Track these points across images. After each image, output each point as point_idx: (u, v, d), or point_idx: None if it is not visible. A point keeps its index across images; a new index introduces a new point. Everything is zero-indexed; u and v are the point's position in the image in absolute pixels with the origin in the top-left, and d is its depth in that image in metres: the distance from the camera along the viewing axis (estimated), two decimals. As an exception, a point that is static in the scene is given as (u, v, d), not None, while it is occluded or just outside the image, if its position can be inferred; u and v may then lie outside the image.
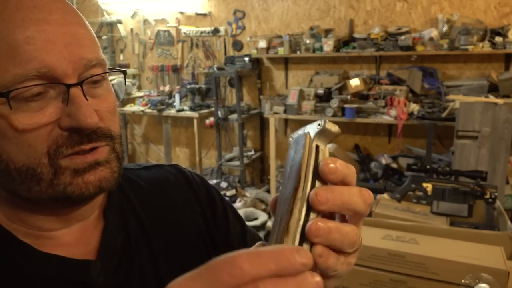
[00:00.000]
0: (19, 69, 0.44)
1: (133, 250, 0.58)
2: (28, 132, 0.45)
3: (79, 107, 0.46)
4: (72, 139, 0.47)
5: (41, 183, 0.47)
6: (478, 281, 1.15)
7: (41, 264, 0.51)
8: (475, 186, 1.70)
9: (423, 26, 3.95)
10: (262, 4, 4.61)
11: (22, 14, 0.45)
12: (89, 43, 0.49)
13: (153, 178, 0.68)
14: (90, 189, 0.49)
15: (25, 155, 0.46)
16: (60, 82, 0.46)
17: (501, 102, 2.89)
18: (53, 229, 0.53)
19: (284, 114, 4.20)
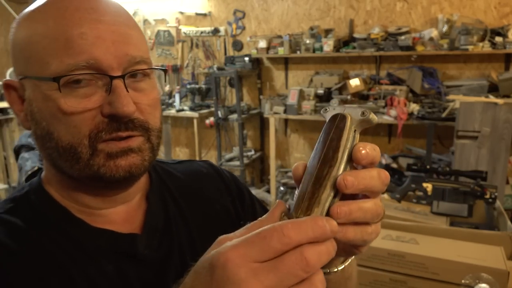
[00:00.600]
0: (72, 59, 0.51)
1: (173, 229, 0.64)
2: (75, 115, 0.52)
3: (118, 96, 0.52)
4: (111, 125, 0.53)
5: (79, 162, 0.53)
6: (478, 281, 1.15)
7: (94, 237, 0.57)
8: (475, 186, 1.70)
9: (423, 26, 3.95)
10: (262, 4, 4.61)
11: (80, 14, 0.52)
12: (135, 43, 0.55)
13: (188, 170, 0.75)
14: (120, 173, 0.54)
15: (71, 135, 0.53)
16: (105, 73, 0.52)
17: (501, 102, 2.89)
18: (100, 208, 0.59)
19: (284, 114, 4.20)
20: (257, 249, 0.34)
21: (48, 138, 0.54)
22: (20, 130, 3.97)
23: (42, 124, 0.54)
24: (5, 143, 4.11)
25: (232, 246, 0.35)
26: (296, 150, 4.76)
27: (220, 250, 0.35)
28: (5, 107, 4.02)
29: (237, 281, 0.33)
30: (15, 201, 0.59)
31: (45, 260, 0.53)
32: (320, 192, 0.39)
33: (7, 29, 6.11)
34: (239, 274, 0.34)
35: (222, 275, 0.34)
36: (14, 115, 0.59)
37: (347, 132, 0.40)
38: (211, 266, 0.35)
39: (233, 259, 0.34)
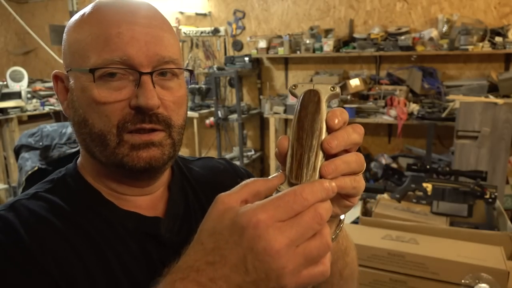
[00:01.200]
0: (108, 55, 0.57)
1: (192, 217, 0.70)
2: (107, 105, 0.58)
3: (144, 90, 0.58)
4: (136, 117, 0.59)
5: (107, 149, 0.60)
6: (478, 281, 1.15)
7: (122, 218, 0.63)
8: (475, 186, 1.70)
9: (423, 26, 3.95)
10: (262, 4, 4.61)
11: (120, 16, 0.59)
12: (166, 44, 0.61)
13: (206, 165, 0.82)
14: (141, 163, 0.60)
15: (102, 123, 0.59)
16: (136, 69, 0.58)
17: (501, 102, 2.89)
18: (127, 194, 0.66)
19: (284, 114, 4.20)
20: (281, 210, 0.40)
21: (83, 124, 0.61)
22: (20, 130, 3.97)
23: (79, 112, 0.61)
24: (5, 143, 4.11)
25: (261, 209, 0.40)
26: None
27: (248, 212, 0.40)
28: (5, 107, 4.02)
29: (268, 238, 0.39)
30: (53, 182, 0.65)
31: (79, 234, 0.59)
32: (314, 159, 0.46)
33: (7, 29, 6.13)
34: (269, 232, 0.39)
35: (254, 234, 0.40)
36: (60, 103, 0.66)
37: (323, 108, 0.48)
38: (241, 226, 0.40)
39: (264, 220, 0.40)
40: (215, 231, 0.42)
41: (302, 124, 0.48)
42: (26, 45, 6.14)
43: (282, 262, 0.39)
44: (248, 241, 0.40)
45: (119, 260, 0.59)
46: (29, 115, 4.27)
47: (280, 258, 0.39)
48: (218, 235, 0.42)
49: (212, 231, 0.43)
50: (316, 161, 0.46)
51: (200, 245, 0.43)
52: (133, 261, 0.60)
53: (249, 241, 0.40)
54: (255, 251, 0.40)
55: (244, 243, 0.40)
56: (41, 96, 4.54)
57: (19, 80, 4.38)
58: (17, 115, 4.13)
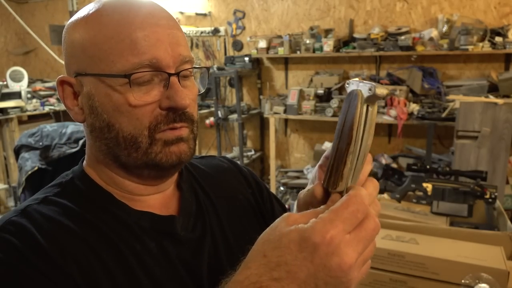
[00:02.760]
0: (137, 59, 0.57)
1: (204, 214, 0.71)
2: (138, 108, 0.59)
3: (176, 91, 0.59)
4: (168, 117, 0.60)
5: (138, 151, 0.60)
6: (478, 281, 1.15)
7: (137, 218, 0.63)
8: (475, 186, 1.70)
9: (423, 26, 3.95)
10: (262, 4, 4.61)
11: (141, 18, 0.59)
12: (184, 44, 0.62)
13: (210, 164, 0.83)
14: (173, 158, 0.61)
15: (133, 126, 0.59)
16: (164, 71, 0.59)
17: (501, 102, 2.89)
18: (141, 194, 0.66)
19: (284, 114, 4.20)
20: (349, 223, 0.42)
21: (107, 129, 0.60)
22: (20, 130, 3.97)
23: (103, 117, 0.60)
24: (5, 143, 4.11)
25: (331, 225, 0.41)
26: (296, 150, 4.76)
27: (320, 229, 0.41)
28: (5, 107, 4.02)
29: (341, 254, 0.40)
30: (61, 186, 0.65)
31: (96, 235, 0.59)
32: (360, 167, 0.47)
33: (7, 29, 6.12)
34: (341, 247, 0.40)
35: (327, 251, 0.40)
36: (67, 109, 0.65)
37: (358, 111, 0.46)
38: (313, 243, 0.41)
39: (336, 236, 0.41)
40: (281, 245, 0.42)
41: (340, 132, 0.48)
42: (26, 45, 6.14)
43: (352, 275, 0.41)
44: (320, 258, 0.40)
45: (138, 259, 0.59)
46: (29, 115, 4.27)
47: (352, 272, 0.41)
48: (284, 249, 0.42)
49: (277, 244, 0.43)
50: (345, 170, 0.46)
51: (262, 258, 0.43)
52: (152, 260, 0.60)
53: (322, 258, 0.40)
54: (328, 267, 0.40)
55: (316, 259, 0.41)
56: (41, 96, 4.55)
57: (19, 80, 4.38)
58: (17, 115, 4.13)
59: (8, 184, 4.17)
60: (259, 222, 0.78)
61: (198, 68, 0.66)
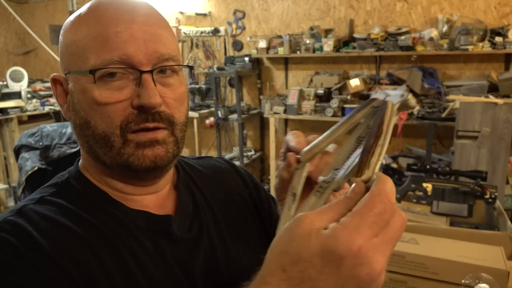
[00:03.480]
0: (107, 55, 0.57)
1: (201, 215, 0.70)
2: (108, 106, 0.58)
3: (146, 89, 0.57)
4: (139, 117, 0.58)
5: (112, 150, 0.59)
6: (478, 281, 1.15)
7: (133, 217, 0.62)
8: (475, 186, 1.70)
9: (423, 26, 3.95)
10: (262, 4, 4.61)
11: (117, 15, 0.58)
12: (165, 42, 0.60)
13: (208, 164, 0.82)
14: (147, 162, 0.59)
15: (105, 124, 0.58)
16: (136, 68, 0.58)
17: (501, 102, 2.89)
18: (133, 194, 0.65)
19: (284, 114, 4.20)
20: (376, 226, 0.38)
21: (85, 126, 0.60)
22: (20, 130, 3.97)
23: (81, 114, 0.60)
24: (5, 143, 4.11)
25: (357, 233, 0.37)
26: (296, 150, 4.75)
27: (345, 239, 0.37)
28: (5, 107, 4.02)
29: (370, 263, 0.37)
30: (57, 186, 0.64)
31: (93, 234, 0.58)
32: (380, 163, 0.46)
33: (7, 29, 6.13)
34: (369, 256, 0.37)
35: (355, 262, 0.37)
36: (60, 107, 0.66)
37: (390, 111, 0.46)
38: (339, 256, 0.37)
39: (363, 245, 0.37)
40: (302, 258, 0.38)
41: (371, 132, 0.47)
42: (26, 45, 6.14)
43: (381, 279, 0.38)
44: (348, 270, 0.37)
45: (135, 258, 0.59)
46: (29, 115, 4.27)
47: (381, 277, 0.38)
48: (306, 264, 0.38)
49: (297, 258, 0.39)
50: (372, 159, 0.44)
51: (282, 273, 0.39)
52: (148, 258, 0.60)
53: (350, 270, 0.37)
54: (356, 278, 0.37)
55: (343, 272, 0.37)
56: (41, 96, 4.54)
57: (19, 80, 4.38)
58: (17, 115, 4.13)
59: (8, 184, 4.17)
60: (256, 223, 0.78)
61: (177, 66, 0.63)
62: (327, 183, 0.48)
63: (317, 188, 0.48)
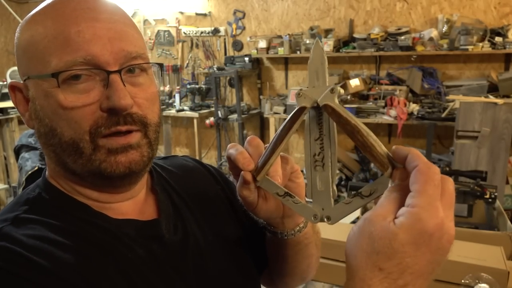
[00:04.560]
0: (69, 56, 0.53)
1: (182, 215, 0.68)
2: (75, 110, 0.54)
3: (115, 90, 0.54)
4: (110, 120, 0.54)
5: (82, 157, 0.55)
6: (478, 281, 1.15)
7: (121, 227, 0.59)
8: (475, 186, 1.70)
9: (423, 26, 3.95)
10: (262, 4, 4.61)
11: (77, 13, 0.54)
12: (131, 39, 0.57)
13: (176, 164, 0.79)
14: (120, 169, 0.56)
15: (72, 130, 0.54)
16: (102, 68, 0.54)
17: (501, 102, 2.89)
18: (109, 201, 0.61)
19: (284, 114, 4.20)
20: (438, 196, 0.41)
21: (51, 134, 0.56)
22: (20, 130, 3.97)
23: (45, 121, 0.56)
24: (5, 143, 4.11)
25: (433, 207, 0.40)
26: (296, 150, 4.76)
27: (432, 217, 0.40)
28: (5, 107, 4.02)
29: (448, 231, 0.41)
30: (29, 203, 0.59)
31: (87, 246, 0.55)
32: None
33: (7, 29, 6.13)
34: (446, 224, 0.41)
35: (440, 234, 0.40)
36: (21, 116, 0.60)
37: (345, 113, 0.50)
38: (429, 234, 0.40)
39: (442, 216, 0.41)
40: (395, 251, 0.41)
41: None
42: (26, 45, 6.14)
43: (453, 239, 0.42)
44: (436, 243, 0.41)
45: (133, 267, 0.57)
46: (29, 115, 4.26)
47: (453, 238, 0.42)
48: (401, 254, 0.40)
49: (389, 252, 0.41)
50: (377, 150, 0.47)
51: (380, 272, 0.41)
52: (145, 266, 0.58)
53: (437, 243, 0.41)
54: (442, 248, 0.41)
55: (433, 247, 0.41)
56: (41, 96, 4.54)
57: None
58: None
59: (8, 184, 4.17)
60: (232, 217, 0.77)
61: (145, 64, 0.59)
62: (319, 155, 0.51)
63: (314, 164, 0.51)
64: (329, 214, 0.50)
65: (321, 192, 0.50)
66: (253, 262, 0.74)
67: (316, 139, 0.52)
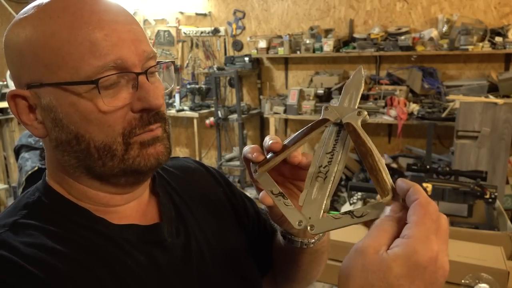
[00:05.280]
0: (100, 61, 0.52)
1: (184, 218, 0.68)
2: (109, 114, 0.54)
3: (148, 91, 0.55)
4: (142, 120, 0.56)
5: (114, 159, 0.56)
6: (478, 281, 1.15)
7: (121, 232, 0.59)
8: (475, 186, 1.70)
9: (423, 26, 3.95)
10: (262, 4, 4.61)
11: (97, 16, 0.53)
12: (145, 39, 0.58)
13: (177, 165, 0.79)
14: (152, 161, 0.57)
15: (105, 134, 0.55)
16: (131, 71, 0.55)
17: (501, 102, 2.89)
18: (117, 205, 0.61)
19: (284, 114, 4.20)
20: (434, 231, 0.41)
21: (76, 141, 0.55)
22: (20, 130, 3.97)
23: (70, 128, 0.55)
24: (5, 143, 4.10)
25: (429, 240, 0.40)
26: (296, 150, 4.75)
27: (427, 249, 0.40)
28: (5, 107, 4.02)
29: (443, 265, 0.41)
30: (28, 207, 0.58)
31: (85, 255, 0.55)
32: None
33: (7, 29, 6.14)
34: (441, 258, 0.41)
35: (434, 268, 0.40)
36: (24, 125, 0.58)
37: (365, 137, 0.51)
38: (423, 267, 0.40)
39: (438, 249, 0.41)
40: (389, 284, 0.40)
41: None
42: (26, 45, 6.13)
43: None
44: (430, 276, 0.40)
45: (132, 275, 0.56)
46: (29, 115, 4.26)
47: (447, 273, 0.42)
48: (396, 287, 0.40)
49: (384, 285, 0.40)
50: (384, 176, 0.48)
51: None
52: (145, 274, 0.58)
53: (431, 276, 0.40)
54: (436, 282, 0.41)
55: (427, 280, 0.40)
56: (41, 96, 4.54)
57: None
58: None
59: (8, 184, 4.17)
60: (233, 219, 0.77)
61: (163, 63, 0.62)
62: (325, 168, 0.52)
63: (317, 175, 0.52)
64: (314, 224, 0.50)
65: (314, 202, 0.51)
66: (256, 265, 0.74)
67: (327, 152, 0.53)
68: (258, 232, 0.73)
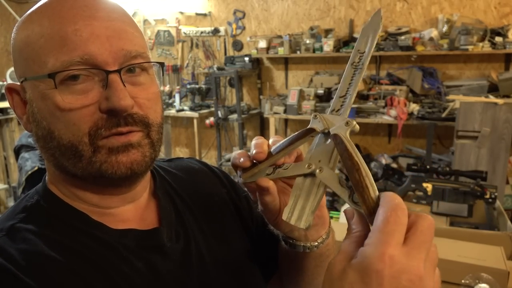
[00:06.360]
0: (66, 56, 0.51)
1: (184, 222, 0.66)
2: (73, 112, 0.52)
3: (115, 91, 0.52)
4: (110, 121, 0.53)
5: (82, 160, 0.53)
6: (478, 281, 1.15)
7: (120, 237, 0.57)
8: (475, 186, 1.70)
9: (423, 26, 3.95)
10: (262, 4, 4.61)
11: (74, 11, 0.52)
12: (131, 38, 0.55)
13: (181, 166, 0.76)
14: (122, 169, 0.54)
15: (71, 133, 0.53)
16: (101, 68, 0.52)
17: (501, 102, 2.89)
18: (109, 207, 0.59)
19: (284, 114, 4.20)
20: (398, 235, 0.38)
21: (49, 137, 0.54)
22: (20, 130, 3.97)
23: (43, 124, 0.54)
24: (5, 143, 4.11)
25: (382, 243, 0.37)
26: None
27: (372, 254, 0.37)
28: (5, 107, 4.02)
29: (407, 269, 0.37)
30: (26, 211, 0.57)
31: (80, 262, 0.53)
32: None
33: (7, 29, 6.13)
34: (404, 262, 0.37)
35: (392, 272, 0.37)
36: (18, 119, 0.59)
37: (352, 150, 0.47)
38: (376, 272, 0.37)
39: (393, 252, 0.37)
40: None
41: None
42: (26, 45, 6.14)
43: (427, 284, 0.37)
44: (390, 282, 0.37)
45: (128, 283, 0.55)
46: (29, 115, 4.26)
47: (425, 282, 0.37)
48: None
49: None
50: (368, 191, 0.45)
51: None
52: (142, 280, 0.56)
53: (391, 282, 0.37)
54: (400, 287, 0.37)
55: (386, 285, 0.37)
56: (41, 96, 4.54)
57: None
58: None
59: (8, 184, 4.17)
60: (236, 221, 0.75)
61: (146, 63, 0.57)
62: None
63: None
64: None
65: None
66: (259, 270, 0.72)
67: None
68: (263, 234, 0.71)
